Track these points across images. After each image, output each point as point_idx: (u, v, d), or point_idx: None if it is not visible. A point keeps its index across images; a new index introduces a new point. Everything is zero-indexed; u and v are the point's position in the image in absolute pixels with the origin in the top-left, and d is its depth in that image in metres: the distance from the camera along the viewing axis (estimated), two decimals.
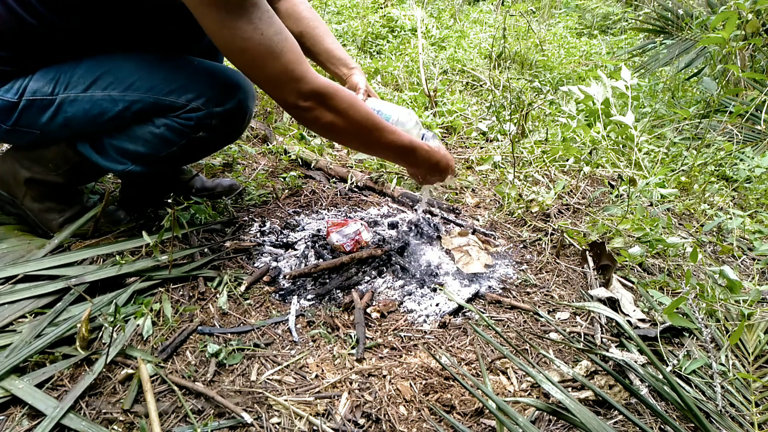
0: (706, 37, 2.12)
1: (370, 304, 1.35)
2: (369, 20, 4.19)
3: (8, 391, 0.99)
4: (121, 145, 1.32)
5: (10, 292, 1.21)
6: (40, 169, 1.38)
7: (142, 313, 1.20)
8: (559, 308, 1.42)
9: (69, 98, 1.25)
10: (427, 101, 2.77)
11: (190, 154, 1.40)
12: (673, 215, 1.99)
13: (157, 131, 1.30)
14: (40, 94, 1.24)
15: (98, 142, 1.34)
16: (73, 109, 1.26)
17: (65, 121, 1.27)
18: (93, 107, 1.25)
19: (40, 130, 1.29)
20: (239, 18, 1.04)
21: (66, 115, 1.26)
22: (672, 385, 0.98)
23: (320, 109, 1.17)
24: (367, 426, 1.01)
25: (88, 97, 1.25)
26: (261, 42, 1.07)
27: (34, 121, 1.27)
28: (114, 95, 1.25)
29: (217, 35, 1.07)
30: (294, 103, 1.15)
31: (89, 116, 1.26)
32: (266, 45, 1.08)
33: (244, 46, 1.07)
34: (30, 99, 1.24)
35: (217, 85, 1.29)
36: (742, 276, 1.67)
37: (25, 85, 1.24)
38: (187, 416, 0.99)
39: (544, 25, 5.15)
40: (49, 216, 1.43)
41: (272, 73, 1.11)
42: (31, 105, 1.25)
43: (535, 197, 1.88)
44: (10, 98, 1.24)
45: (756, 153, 2.43)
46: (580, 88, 2.05)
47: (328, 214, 1.81)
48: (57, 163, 1.37)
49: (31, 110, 1.25)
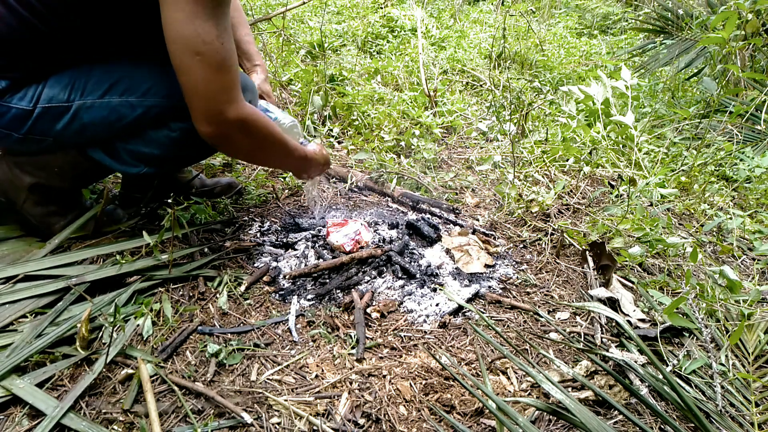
0: (706, 37, 2.12)
1: (370, 304, 1.35)
2: (369, 20, 4.19)
3: (9, 391, 0.99)
4: (135, 148, 1.32)
5: (10, 292, 1.21)
6: (44, 174, 1.36)
7: (142, 313, 1.20)
8: (559, 308, 1.42)
9: (86, 105, 1.24)
10: (427, 101, 2.77)
11: (202, 155, 1.43)
12: (673, 215, 1.99)
13: (173, 135, 1.30)
14: (56, 101, 1.22)
15: (111, 147, 1.33)
16: (90, 115, 1.24)
17: (81, 128, 1.26)
18: (111, 113, 1.25)
19: (54, 138, 1.27)
20: (209, 19, 1.03)
21: (82, 121, 1.25)
22: (672, 385, 0.98)
23: (240, 136, 1.18)
24: (367, 426, 1.01)
25: (105, 103, 1.24)
26: (218, 51, 1.06)
27: (49, 128, 1.25)
28: (132, 101, 1.25)
29: (178, 29, 1.03)
30: (219, 122, 1.13)
31: (107, 122, 1.26)
32: (222, 56, 1.06)
33: (202, 49, 1.04)
34: (45, 106, 1.22)
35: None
36: (742, 276, 1.67)
37: (39, 93, 1.22)
38: (187, 416, 0.99)
39: (544, 25, 5.15)
40: (52, 220, 1.42)
41: (214, 86, 1.09)
42: (46, 112, 1.23)
43: (535, 197, 1.88)
44: (24, 106, 1.21)
45: (756, 153, 2.43)
46: (580, 88, 2.05)
47: (328, 214, 1.81)
48: (64, 168, 1.36)
49: (46, 118, 1.23)
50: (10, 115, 1.21)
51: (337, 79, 2.80)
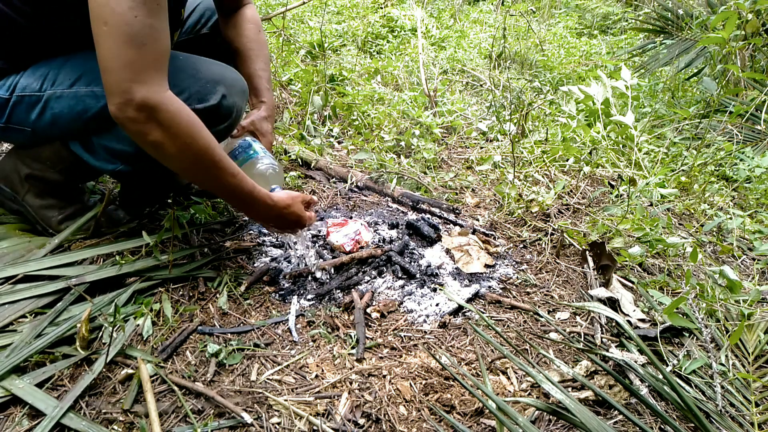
0: (706, 37, 2.12)
1: (370, 304, 1.35)
2: (369, 20, 4.19)
3: (8, 391, 0.99)
4: (108, 144, 1.29)
5: (10, 292, 1.21)
6: (38, 166, 1.38)
7: (142, 313, 1.20)
8: (559, 308, 1.42)
9: (55, 95, 1.22)
10: (427, 101, 2.77)
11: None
12: (673, 215, 1.99)
13: None
14: (29, 90, 1.23)
15: (88, 142, 1.32)
16: (59, 105, 1.23)
17: (53, 119, 1.25)
18: (77, 104, 1.22)
19: (31, 128, 1.27)
20: None
21: (53, 111, 1.24)
22: (672, 385, 0.98)
23: (149, 124, 1.05)
24: (367, 426, 1.01)
25: (72, 93, 1.22)
26: (128, 23, 0.98)
27: (25, 118, 1.25)
28: (96, 91, 1.21)
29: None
30: (122, 104, 1.03)
31: (74, 113, 1.23)
32: (133, 30, 0.99)
33: (110, 19, 0.98)
34: (20, 95, 1.23)
35: (199, 80, 1.23)
36: (742, 276, 1.67)
37: (16, 82, 1.23)
38: (187, 416, 0.99)
39: (544, 25, 5.15)
40: (49, 213, 1.44)
41: (118, 61, 1.01)
42: (20, 101, 1.23)
43: (535, 197, 1.88)
44: (2, 95, 1.23)
45: (756, 153, 2.43)
46: (580, 88, 2.05)
47: (328, 214, 1.81)
48: (53, 161, 1.37)
49: (20, 107, 1.24)
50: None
51: (337, 79, 2.80)
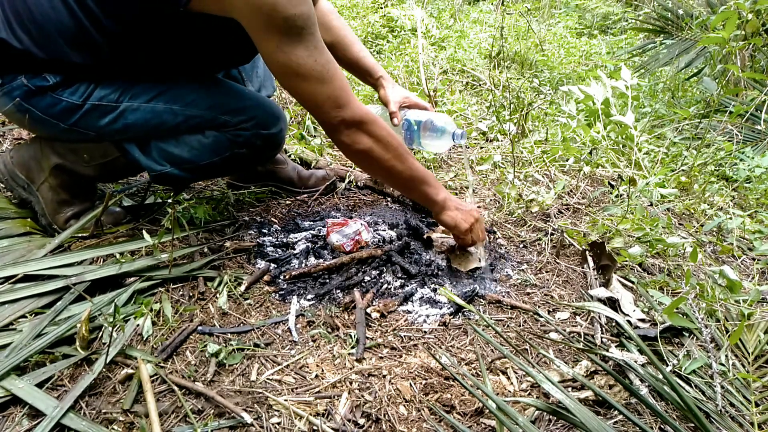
0: (706, 37, 2.12)
1: (370, 304, 1.35)
2: (369, 20, 4.18)
3: (8, 391, 0.99)
4: (166, 147, 1.42)
5: (10, 292, 1.21)
6: (73, 158, 1.44)
7: (142, 313, 1.20)
8: (559, 308, 1.42)
9: (132, 107, 1.35)
10: (427, 101, 2.76)
11: (226, 167, 1.51)
12: (673, 215, 1.99)
13: (205, 140, 1.42)
14: (106, 100, 1.34)
15: (145, 143, 1.43)
16: (135, 116, 1.35)
17: (124, 127, 1.36)
18: (154, 117, 1.36)
19: (96, 132, 1.37)
20: (297, 45, 1.16)
21: (126, 121, 1.36)
22: (672, 385, 0.98)
23: (359, 134, 1.28)
24: (367, 426, 1.01)
25: (150, 107, 1.36)
26: (314, 68, 1.19)
27: (94, 123, 1.35)
28: (175, 108, 1.37)
29: (273, 58, 1.19)
30: (335, 126, 1.27)
31: (149, 125, 1.37)
32: (318, 71, 1.20)
33: (298, 71, 1.19)
34: (95, 104, 1.33)
35: (265, 112, 1.45)
36: (742, 276, 1.67)
37: (91, 91, 1.32)
38: (187, 416, 0.99)
39: (543, 25, 5.15)
40: (59, 208, 1.47)
41: (320, 97, 1.23)
42: (94, 109, 1.33)
43: (535, 197, 1.88)
44: (75, 100, 1.32)
45: (756, 153, 2.43)
46: (580, 88, 2.04)
47: (328, 214, 1.81)
48: (93, 155, 1.45)
49: (93, 114, 1.34)
50: (61, 107, 1.31)
51: None
